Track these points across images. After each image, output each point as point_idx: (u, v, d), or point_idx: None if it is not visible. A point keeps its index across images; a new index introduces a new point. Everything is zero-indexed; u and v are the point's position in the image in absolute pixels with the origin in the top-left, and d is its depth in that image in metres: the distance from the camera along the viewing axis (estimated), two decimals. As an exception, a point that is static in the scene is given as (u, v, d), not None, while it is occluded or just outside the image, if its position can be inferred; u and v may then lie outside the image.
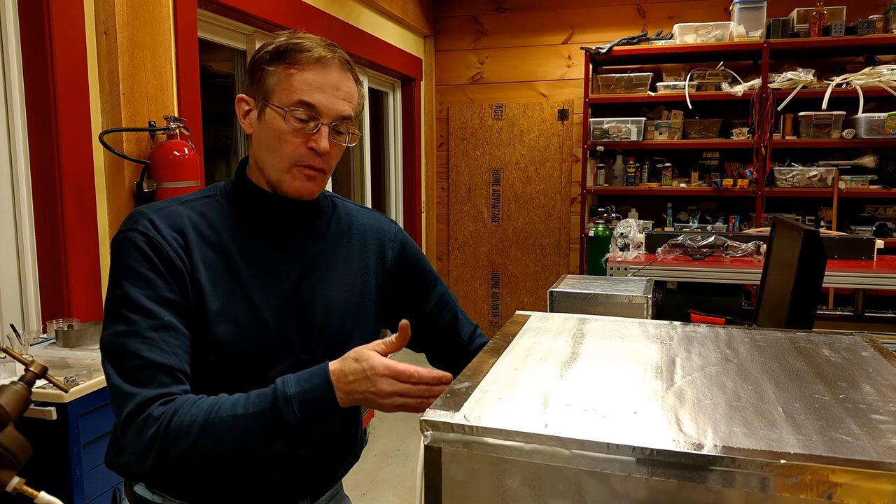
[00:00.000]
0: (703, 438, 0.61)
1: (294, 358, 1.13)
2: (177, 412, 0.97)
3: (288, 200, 1.15)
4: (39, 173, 2.19)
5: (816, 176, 4.59)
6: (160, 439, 0.96)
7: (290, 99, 1.08)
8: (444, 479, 0.66)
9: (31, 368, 1.20)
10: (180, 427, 0.96)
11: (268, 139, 1.11)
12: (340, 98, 1.10)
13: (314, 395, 0.99)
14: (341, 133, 1.13)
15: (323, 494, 1.25)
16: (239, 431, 0.97)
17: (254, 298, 1.10)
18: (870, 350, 0.90)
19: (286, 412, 0.97)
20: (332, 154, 1.13)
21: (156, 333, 1.00)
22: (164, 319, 1.01)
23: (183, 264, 1.06)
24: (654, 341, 0.94)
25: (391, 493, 3.33)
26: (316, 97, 1.08)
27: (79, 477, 1.75)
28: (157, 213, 1.09)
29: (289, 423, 0.97)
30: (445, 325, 1.36)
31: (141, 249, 1.04)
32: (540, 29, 5.46)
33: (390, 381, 0.99)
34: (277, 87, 1.09)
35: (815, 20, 4.45)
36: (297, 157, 1.10)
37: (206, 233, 1.11)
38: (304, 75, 1.08)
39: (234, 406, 0.98)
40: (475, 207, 5.80)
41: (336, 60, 1.10)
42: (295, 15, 3.47)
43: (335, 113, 1.10)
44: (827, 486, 0.57)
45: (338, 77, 1.10)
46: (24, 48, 2.15)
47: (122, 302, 1.02)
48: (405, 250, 1.32)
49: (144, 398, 0.97)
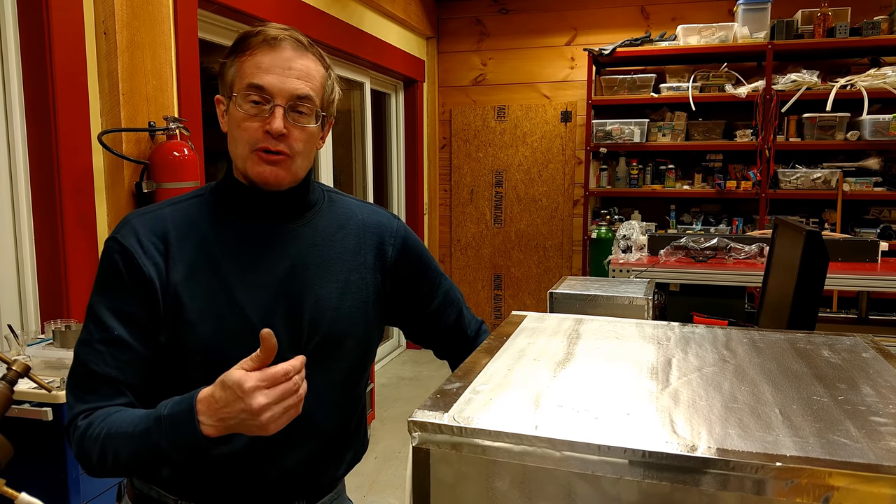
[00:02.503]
0: (698, 440, 0.60)
1: (282, 358, 1.11)
2: (91, 425, 1.01)
3: (271, 194, 1.13)
4: (38, 173, 2.18)
5: (820, 178, 4.57)
6: (80, 450, 1.02)
7: (242, 84, 1.07)
8: (432, 481, 0.65)
9: (14, 367, 1.18)
10: (89, 439, 1.00)
11: (231, 130, 1.11)
12: (294, 77, 1.07)
13: (179, 420, 0.95)
14: (303, 113, 1.09)
15: (323, 496, 1.22)
16: (130, 450, 0.98)
17: (236, 297, 1.09)
18: (871, 351, 0.89)
19: (158, 436, 0.95)
20: (294, 137, 1.09)
21: (104, 347, 1.04)
22: (114, 333, 1.05)
23: (157, 271, 1.07)
24: (650, 342, 0.92)
25: (391, 496, 3.31)
26: (265, 79, 1.06)
27: (75, 478, 1.74)
28: (140, 219, 1.11)
29: (161, 449, 0.95)
30: (451, 322, 1.34)
31: (111, 260, 1.07)
32: (543, 30, 5.45)
33: (264, 392, 0.91)
34: (234, 77, 1.08)
35: (820, 21, 4.43)
36: (254, 142, 1.08)
37: (189, 234, 1.10)
38: (253, 59, 1.07)
39: (130, 422, 0.99)
40: (478, 209, 5.79)
41: (286, 39, 1.08)
42: (296, 15, 3.46)
43: (288, 93, 1.07)
44: (824, 489, 0.55)
45: (290, 55, 1.08)
46: (23, 48, 2.15)
47: (89, 311, 1.07)
48: (407, 247, 1.28)
49: (76, 412, 1.04)
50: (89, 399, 1.04)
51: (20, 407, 1.70)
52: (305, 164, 1.14)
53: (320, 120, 1.12)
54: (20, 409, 1.70)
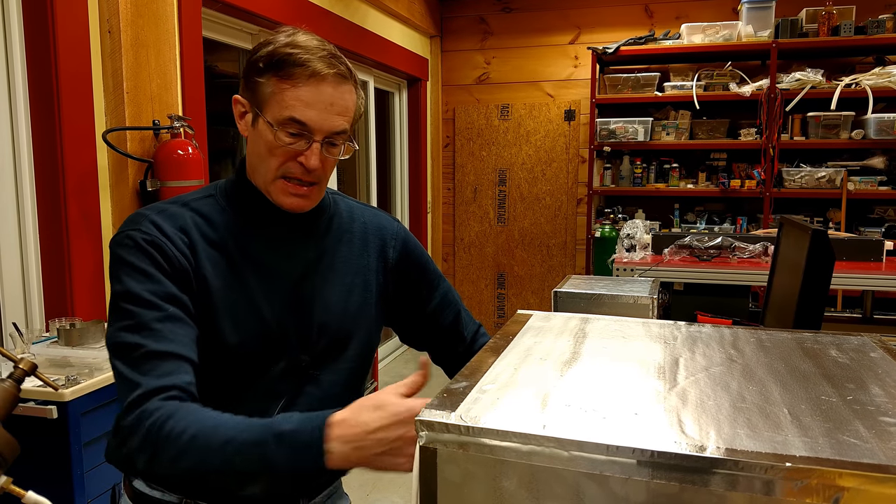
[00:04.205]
0: (706, 440, 0.60)
1: (293, 357, 1.12)
2: (172, 416, 0.91)
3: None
4: (43, 172, 2.18)
5: (825, 177, 4.55)
6: (152, 439, 0.90)
7: (281, 115, 1.04)
8: (439, 481, 0.65)
9: (20, 366, 1.18)
10: (172, 432, 0.89)
11: (258, 149, 1.09)
12: (334, 114, 1.06)
13: (303, 440, 0.86)
14: (336, 145, 1.09)
15: (321, 492, 1.23)
16: (224, 456, 0.88)
17: (255, 298, 1.10)
18: (879, 351, 0.88)
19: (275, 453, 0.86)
20: (325, 167, 1.10)
21: (160, 324, 0.98)
22: (168, 311, 0.99)
23: (187, 261, 1.05)
24: (657, 341, 0.92)
25: (395, 494, 3.31)
26: (308, 114, 1.04)
27: (79, 476, 1.74)
28: (159, 215, 1.08)
29: (274, 468, 0.86)
30: (448, 324, 1.35)
31: (141, 247, 1.03)
32: (546, 29, 5.44)
33: None
34: (270, 99, 1.06)
35: (825, 20, 4.42)
36: (284, 171, 1.08)
37: (209, 232, 1.10)
38: (297, 91, 1.04)
39: (233, 427, 0.90)
40: (481, 208, 5.78)
41: (331, 76, 1.05)
42: (301, 14, 3.46)
43: (328, 129, 1.06)
44: (834, 489, 0.55)
45: (332, 93, 1.05)
46: (27, 46, 2.15)
47: (124, 297, 1.00)
48: (407, 248, 1.30)
49: (147, 388, 0.93)
50: (162, 376, 0.94)
51: (25, 405, 1.71)
52: (326, 185, 1.16)
53: (347, 150, 1.11)
54: (25, 407, 1.70)
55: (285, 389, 1.12)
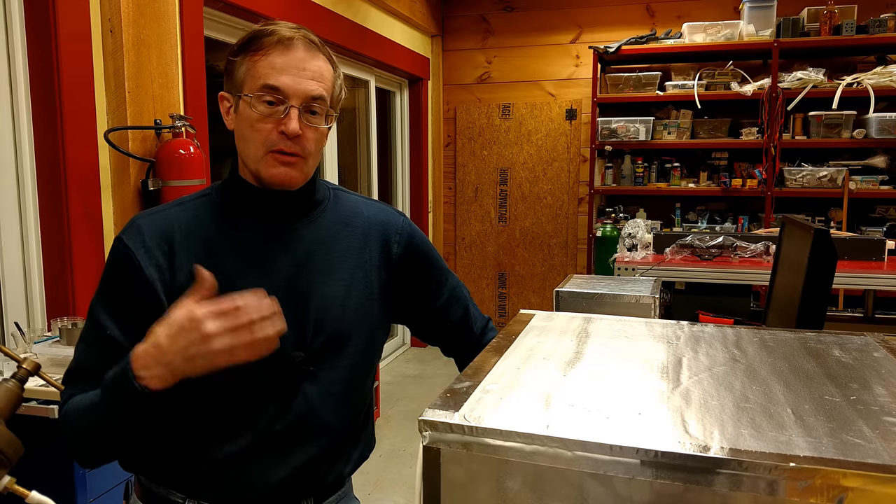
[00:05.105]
0: (710, 440, 0.60)
1: (287, 354, 1.10)
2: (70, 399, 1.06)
3: (278, 193, 1.13)
4: (45, 171, 2.19)
5: (826, 176, 4.55)
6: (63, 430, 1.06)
7: (255, 85, 1.06)
8: (443, 481, 0.65)
9: (24, 366, 1.19)
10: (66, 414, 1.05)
11: (242, 130, 1.10)
12: (308, 77, 1.07)
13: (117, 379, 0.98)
14: (316, 114, 1.10)
15: (331, 495, 1.22)
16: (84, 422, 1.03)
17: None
18: (882, 351, 0.88)
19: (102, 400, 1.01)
20: (308, 138, 1.09)
21: (96, 345, 1.08)
22: (106, 332, 1.07)
23: (160, 273, 1.07)
24: (660, 341, 0.92)
25: (396, 494, 3.31)
26: (280, 79, 1.06)
27: (81, 476, 1.74)
28: (146, 220, 1.12)
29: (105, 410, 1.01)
30: (457, 319, 1.34)
31: (114, 262, 1.10)
32: (548, 28, 5.44)
33: (214, 320, 0.91)
34: (246, 76, 1.08)
35: (826, 19, 4.41)
36: (269, 143, 1.08)
37: (195, 233, 1.11)
38: (267, 59, 1.06)
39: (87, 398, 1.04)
40: (482, 207, 5.78)
41: (300, 40, 1.08)
42: (302, 13, 3.46)
43: (303, 93, 1.07)
44: (838, 489, 0.55)
45: (303, 56, 1.08)
46: (29, 46, 2.15)
47: (89, 310, 1.11)
48: (413, 243, 1.27)
49: (64, 399, 1.09)
50: (74, 391, 1.07)
51: (27, 405, 1.71)
52: (315, 164, 1.15)
53: (330, 119, 1.13)
54: (27, 407, 1.70)
55: (280, 386, 1.11)
